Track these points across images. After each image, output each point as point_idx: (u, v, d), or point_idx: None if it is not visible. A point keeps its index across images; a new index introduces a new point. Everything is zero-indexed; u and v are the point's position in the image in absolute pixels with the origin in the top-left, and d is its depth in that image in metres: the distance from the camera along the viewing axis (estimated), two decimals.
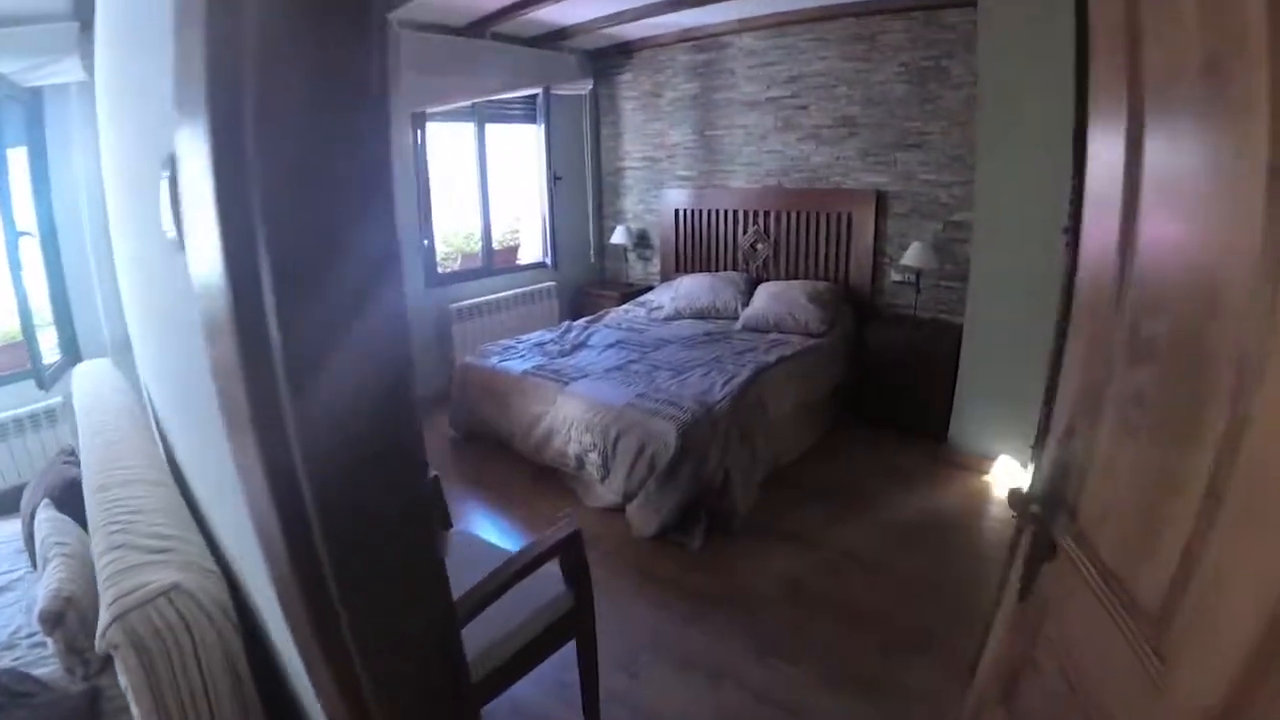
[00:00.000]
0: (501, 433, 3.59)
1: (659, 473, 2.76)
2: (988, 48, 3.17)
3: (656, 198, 5.31)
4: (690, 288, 4.62)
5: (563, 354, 3.81)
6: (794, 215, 4.54)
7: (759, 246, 4.77)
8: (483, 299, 4.77)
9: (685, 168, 5.07)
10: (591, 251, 5.41)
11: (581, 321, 4.52)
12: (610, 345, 3.94)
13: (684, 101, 4.95)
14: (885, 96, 4.05)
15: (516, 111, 4.99)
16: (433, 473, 2.04)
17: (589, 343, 4.05)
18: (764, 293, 4.33)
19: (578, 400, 3.14)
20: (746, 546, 2.77)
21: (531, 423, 3.33)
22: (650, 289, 5.34)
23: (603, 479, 2.99)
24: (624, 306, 4.88)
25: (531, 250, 5.45)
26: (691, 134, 4.97)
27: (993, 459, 3.42)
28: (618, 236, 5.33)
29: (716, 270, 4.98)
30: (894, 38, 3.93)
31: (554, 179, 5.07)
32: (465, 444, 3.90)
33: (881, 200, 4.17)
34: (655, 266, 5.47)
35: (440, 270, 4.77)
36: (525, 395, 3.41)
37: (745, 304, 4.39)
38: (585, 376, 3.37)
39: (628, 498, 2.90)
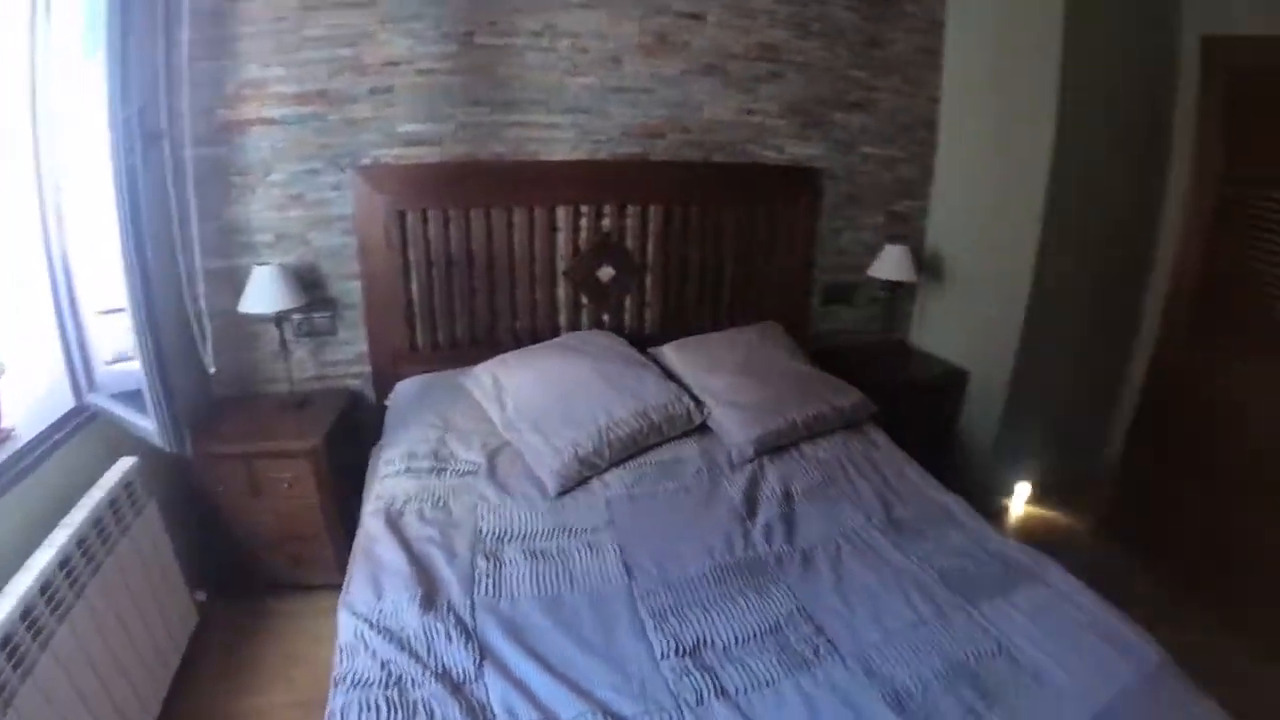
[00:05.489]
0: None
1: None
2: None
3: (338, 190, 2.46)
4: (553, 394, 2.33)
5: None
6: (675, 212, 2.75)
7: (605, 274, 2.77)
8: None
9: (419, 117, 2.45)
10: (199, 339, 2.11)
11: None
12: None
13: None
14: (827, 25, 2.71)
15: None
16: None
17: None
18: (716, 366, 2.55)
19: None
20: None
21: None
22: (376, 404, 2.62)
23: None
24: (378, 509, 2.00)
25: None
26: (439, 43, 2.38)
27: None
28: (255, 297, 2.28)
29: (497, 340, 2.70)
30: None
31: None
32: None
33: (811, 183, 2.90)
34: (353, 348, 2.64)
35: None
36: None
37: (691, 395, 2.48)
38: None
39: None
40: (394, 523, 1.93)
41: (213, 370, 2.11)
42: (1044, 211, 2.49)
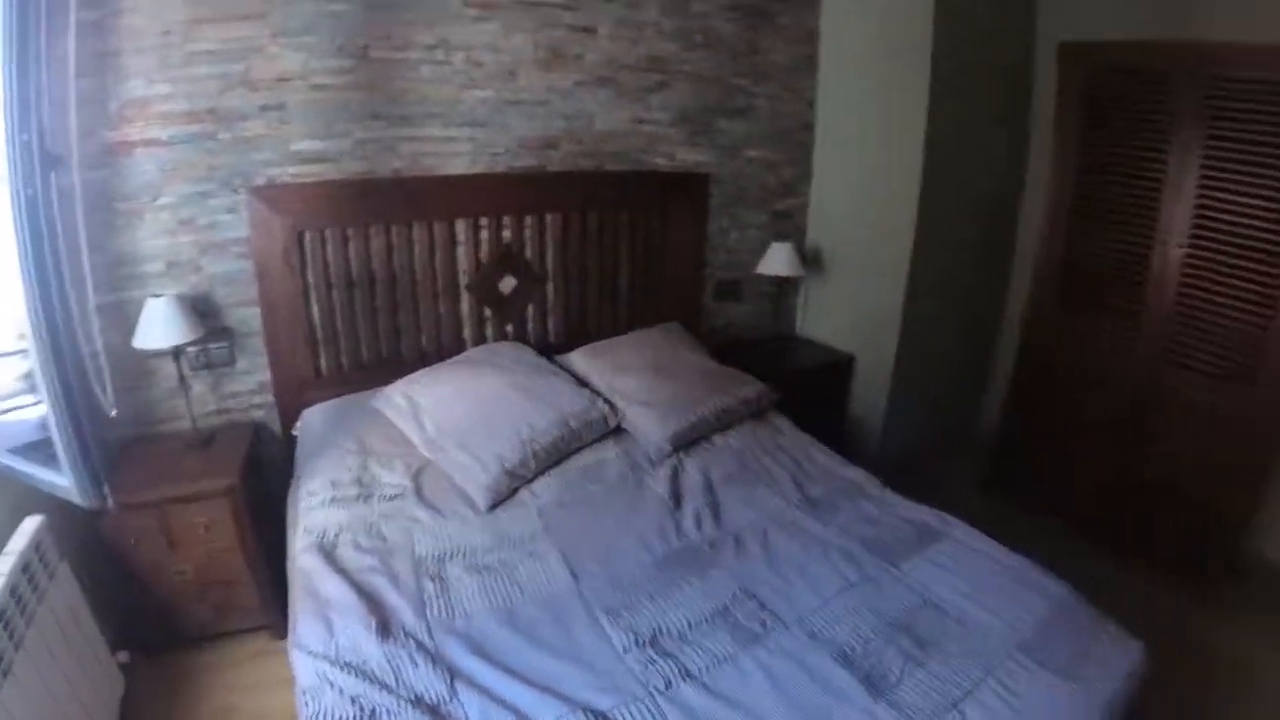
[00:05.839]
0: None
1: None
2: None
3: (231, 213, 2.34)
4: (472, 410, 2.35)
5: None
6: (572, 221, 2.83)
7: (507, 286, 2.80)
8: None
9: (314, 134, 2.37)
10: (95, 380, 1.94)
11: None
12: None
13: None
14: (710, 36, 2.88)
15: None
16: None
17: None
18: (624, 368, 2.66)
19: None
20: None
21: None
22: (283, 435, 2.54)
23: None
24: (310, 544, 1.96)
25: None
26: (333, 57, 2.31)
27: None
28: (150, 331, 2.14)
29: (403, 359, 2.68)
30: None
31: None
32: None
33: (699, 187, 3.06)
34: (254, 377, 2.51)
35: None
36: None
37: (605, 399, 2.57)
38: None
39: None
40: (330, 556, 1.89)
41: (113, 413, 1.98)
42: (919, 204, 2.78)
